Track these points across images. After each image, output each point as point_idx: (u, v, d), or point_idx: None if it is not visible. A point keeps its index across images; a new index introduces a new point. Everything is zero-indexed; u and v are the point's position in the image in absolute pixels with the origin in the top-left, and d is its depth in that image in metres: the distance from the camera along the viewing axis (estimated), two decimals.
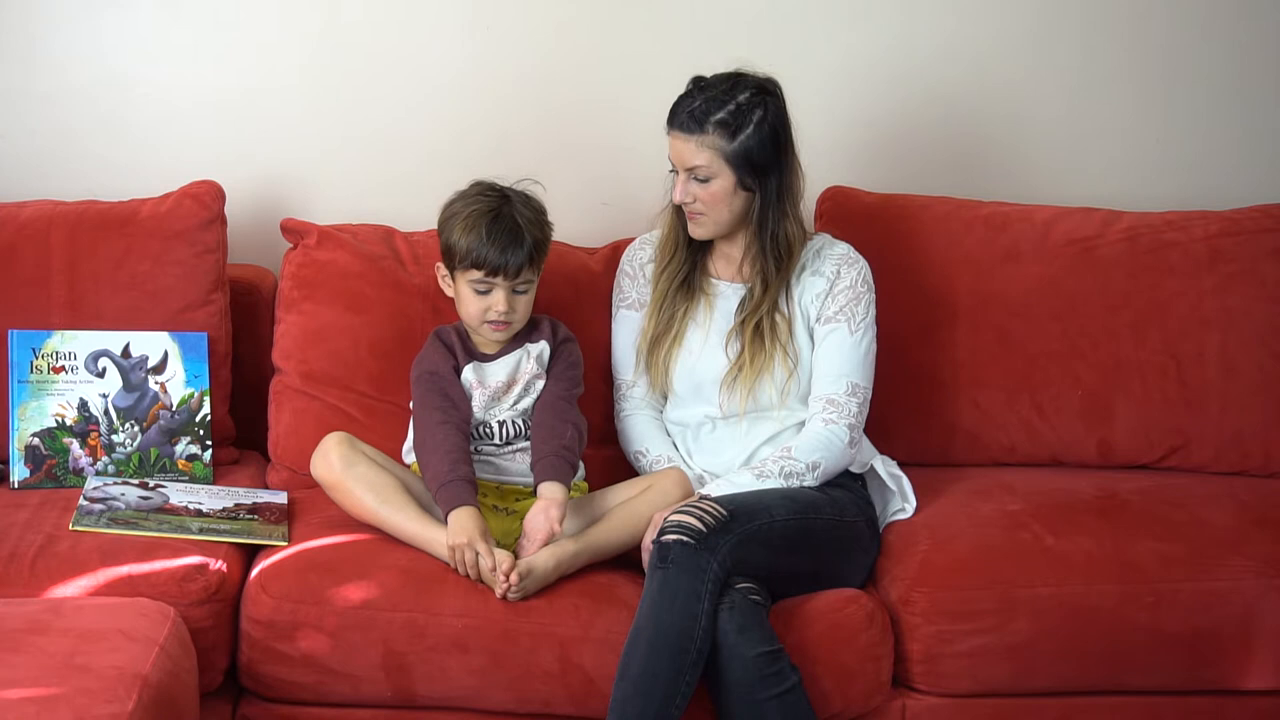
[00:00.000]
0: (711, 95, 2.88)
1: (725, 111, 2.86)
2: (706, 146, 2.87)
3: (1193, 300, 3.28)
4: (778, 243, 2.94)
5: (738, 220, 2.95)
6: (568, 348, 3.00)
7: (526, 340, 2.99)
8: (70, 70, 3.38)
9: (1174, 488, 3.12)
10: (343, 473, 2.80)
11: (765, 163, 2.89)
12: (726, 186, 2.90)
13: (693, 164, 2.88)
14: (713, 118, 2.86)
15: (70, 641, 2.34)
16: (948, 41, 3.53)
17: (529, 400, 2.96)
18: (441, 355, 2.94)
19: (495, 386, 2.94)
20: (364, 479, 2.80)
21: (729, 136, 2.86)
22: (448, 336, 2.98)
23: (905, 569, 2.85)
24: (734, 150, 2.87)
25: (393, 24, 3.43)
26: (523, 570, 2.66)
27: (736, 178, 2.89)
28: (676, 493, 2.87)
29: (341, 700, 2.70)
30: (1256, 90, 3.59)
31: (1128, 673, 2.83)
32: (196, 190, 3.19)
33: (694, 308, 3.03)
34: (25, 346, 3.04)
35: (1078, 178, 3.56)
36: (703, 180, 2.90)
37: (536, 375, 2.97)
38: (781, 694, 2.61)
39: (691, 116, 2.87)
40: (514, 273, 2.87)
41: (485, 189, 2.95)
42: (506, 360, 2.97)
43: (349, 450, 2.82)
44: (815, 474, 2.89)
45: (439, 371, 2.92)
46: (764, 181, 2.91)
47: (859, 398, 2.96)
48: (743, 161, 2.88)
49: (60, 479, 3.02)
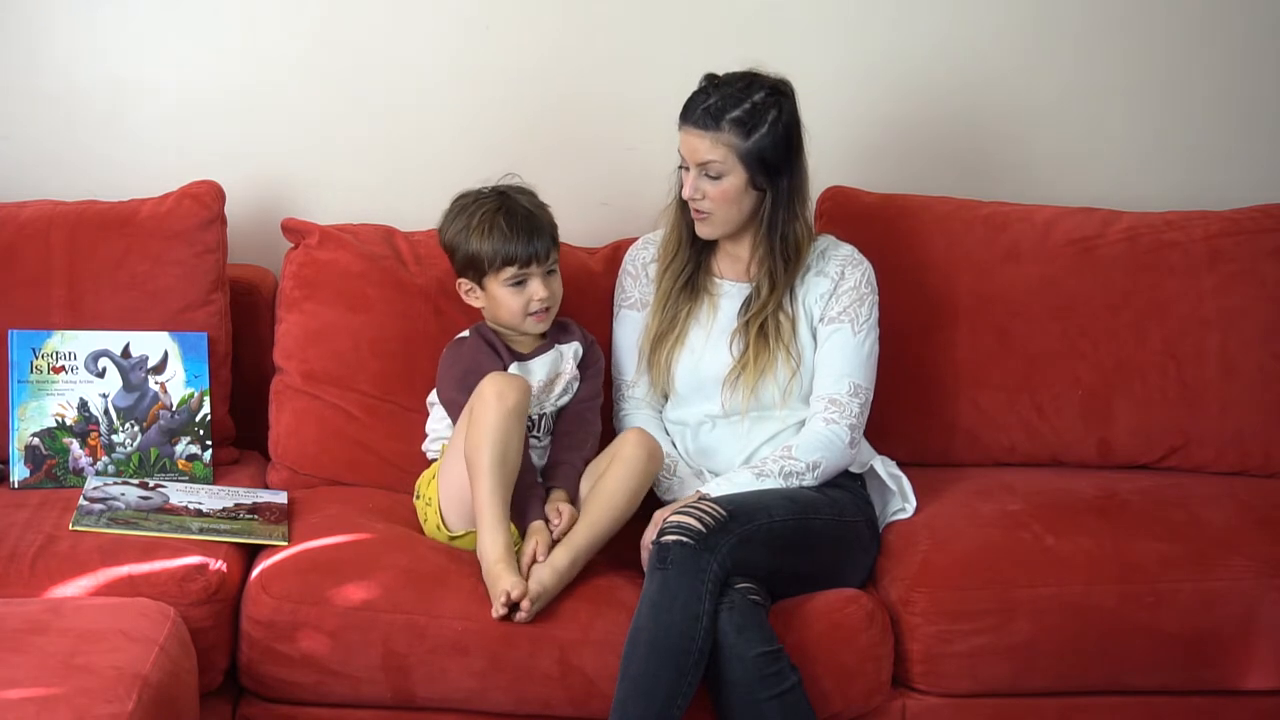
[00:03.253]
0: (727, 93, 2.88)
1: (741, 110, 2.87)
2: (721, 144, 2.87)
3: (1193, 300, 3.28)
4: (787, 243, 2.94)
5: (745, 220, 2.96)
6: (596, 351, 3.06)
7: (557, 341, 3.02)
8: (70, 70, 3.38)
9: (1174, 488, 3.12)
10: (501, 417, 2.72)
11: (778, 163, 2.90)
12: (738, 185, 2.90)
13: (706, 160, 2.89)
14: (728, 115, 2.87)
15: (70, 641, 2.34)
16: (948, 42, 3.53)
17: (567, 398, 3.00)
18: (487, 354, 2.94)
19: (537, 386, 2.95)
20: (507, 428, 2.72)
21: (744, 135, 2.87)
22: (488, 335, 2.99)
23: (905, 569, 2.85)
24: (748, 149, 2.87)
25: (392, 23, 3.43)
26: (534, 594, 2.63)
27: (749, 176, 2.89)
28: (640, 454, 2.83)
29: (341, 701, 2.70)
30: (1256, 90, 3.59)
31: (1128, 673, 2.83)
32: (196, 190, 3.19)
33: (697, 307, 3.04)
34: (25, 346, 3.04)
35: (1077, 178, 3.56)
36: (714, 177, 2.90)
37: (574, 376, 3.01)
38: (781, 694, 2.61)
39: (707, 113, 2.87)
40: (544, 256, 2.93)
41: (477, 195, 2.98)
42: (544, 359, 2.99)
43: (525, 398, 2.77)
44: (815, 474, 2.89)
45: (483, 369, 2.89)
46: (775, 182, 2.91)
47: (860, 398, 2.96)
48: (756, 160, 2.88)
49: (60, 479, 3.02)
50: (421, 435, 3.08)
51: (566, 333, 3.04)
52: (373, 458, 3.13)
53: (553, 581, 2.68)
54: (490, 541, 2.70)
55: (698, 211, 2.95)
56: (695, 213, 2.95)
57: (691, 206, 2.95)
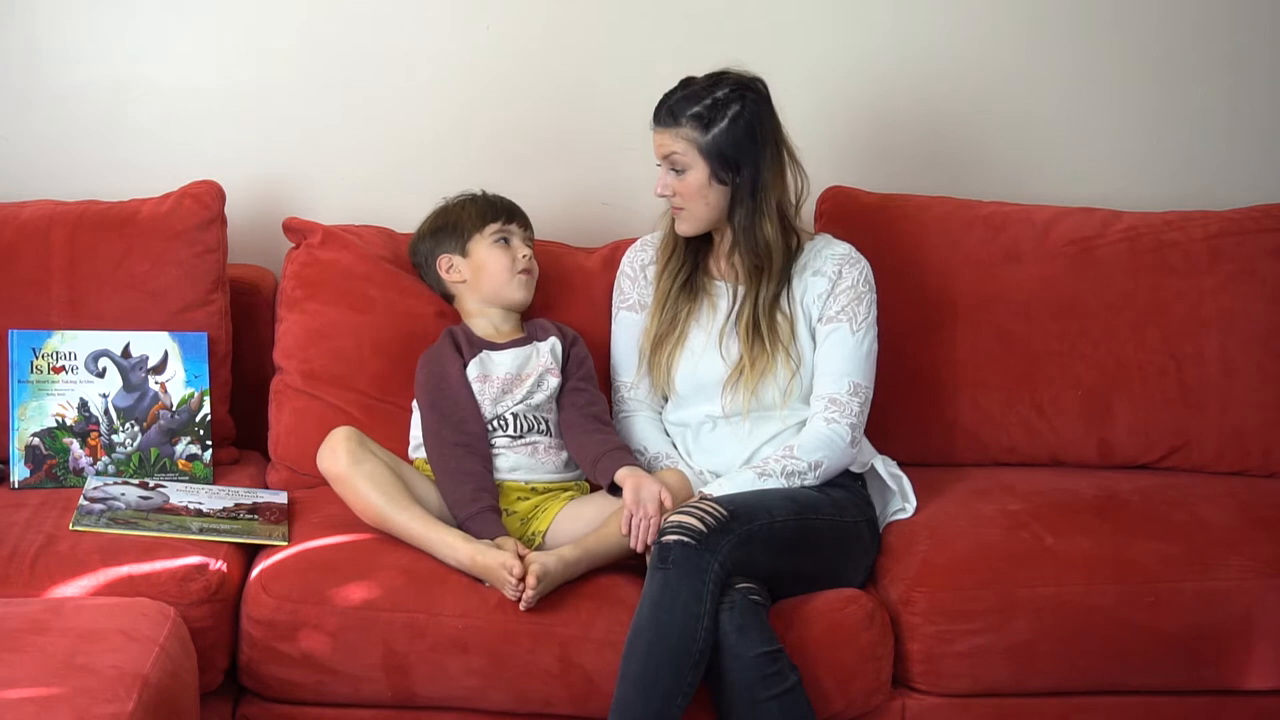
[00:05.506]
0: (691, 91, 2.94)
1: (701, 105, 2.92)
2: (681, 138, 2.92)
3: (1193, 300, 3.28)
4: (754, 239, 2.95)
5: (718, 215, 2.98)
6: (579, 349, 3.05)
7: (534, 339, 3.03)
8: (70, 70, 3.38)
9: (1174, 488, 3.12)
10: (350, 469, 2.78)
11: (738, 156, 2.92)
12: (701, 178, 2.93)
13: (668, 154, 2.94)
14: (688, 111, 2.92)
15: (70, 641, 2.34)
16: (948, 41, 3.53)
17: (541, 396, 2.98)
18: (449, 352, 2.98)
19: (502, 379, 2.96)
20: (371, 477, 2.78)
21: (703, 129, 2.91)
22: (455, 334, 3.02)
23: (905, 569, 2.85)
24: (707, 142, 2.91)
25: (393, 24, 3.43)
26: (538, 572, 2.64)
27: (710, 169, 2.93)
28: (681, 491, 2.87)
29: (341, 700, 2.70)
30: (1256, 90, 3.59)
31: (1128, 673, 2.83)
32: (196, 190, 3.19)
33: (696, 308, 3.04)
34: (25, 346, 3.04)
35: (1077, 178, 3.56)
36: (679, 171, 2.94)
37: (549, 369, 3.00)
38: (781, 694, 2.61)
39: (670, 110, 2.94)
40: (525, 223, 3.08)
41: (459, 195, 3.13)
42: (515, 353, 3.00)
43: (357, 447, 2.80)
44: (817, 473, 2.90)
45: (447, 375, 2.93)
46: (736, 175, 2.93)
47: (860, 397, 2.96)
48: (716, 154, 2.91)
49: (60, 479, 3.02)
50: None
51: (543, 330, 3.06)
52: None
53: (557, 568, 2.68)
54: (447, 547, 2.71)
55: (674, 208, 2.99)
56: (673, 209, 3.00)
57: (668, 202, 2.99)
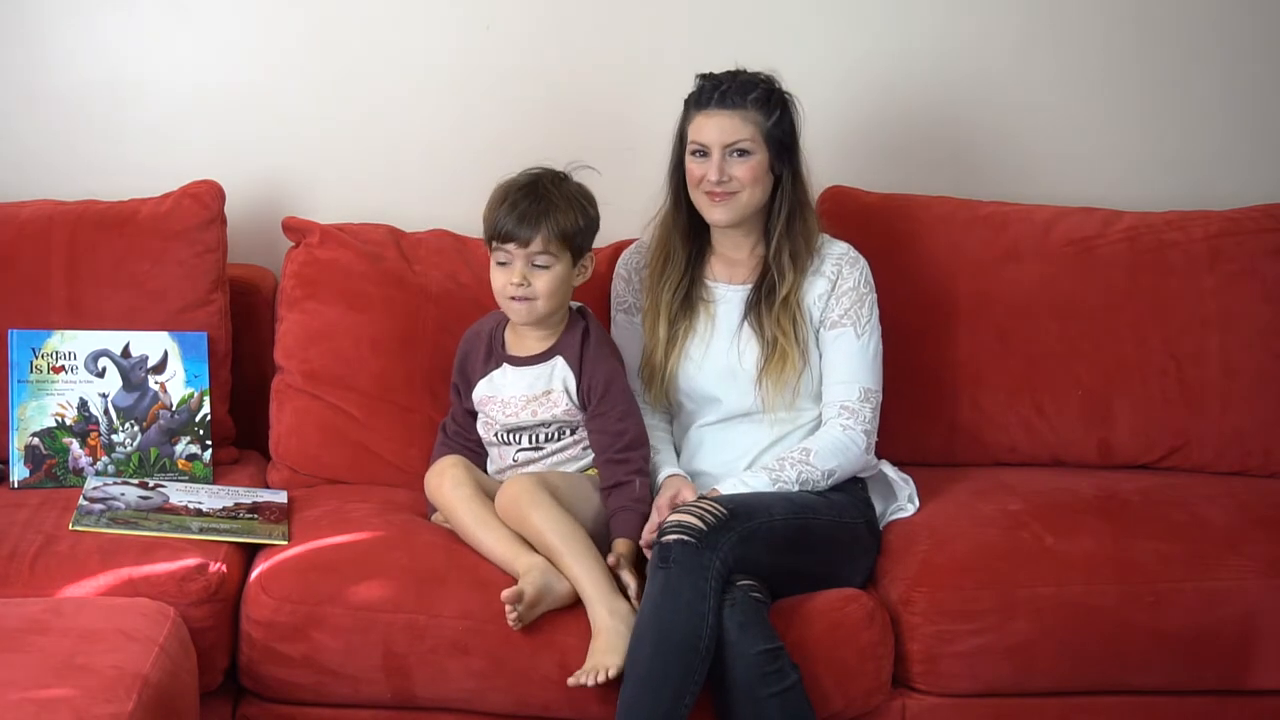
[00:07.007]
0: (739, 79, 2.93)
1: (759, 91, 2.92)
2: (750, 121, 2.91)
3: (1193, 300, 3.28)
4: (807, 226, 2.97)
5: (760, 206, 2.97)
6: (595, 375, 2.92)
7: (559, 353, 2.94)
8: (70, 70, 3.38)
9: (1174, 488, 3.12)
10: (451, 493, 2.85)
11: (790, 146, 2.95)
12: (763, 163, 2.93)
13: (736, 138, 2.91)
14: (750, 95, 2.91)
15: (70, 641, 2.34)
16: (948, 41, 3.53)
17: (550, 414, 2.93)
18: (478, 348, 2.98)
19: (511, 400, 2.93)
20: (465, 500, 2.84)
21: (766, 114, 2.92)
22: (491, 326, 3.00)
23: (905, 569, 2.85)
24: (770, 128, 2.92)
25: (393, 23, 3.43)
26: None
27: (769, 157, 2.93)
28: None
29: (341, 701, 2.70)
30: (1257, 90, 3.59)
31: (1128, 673, 2.83)
32: (196, 190, 3.19)
33: (694, 320, 3.02)
34: (25, 346, 3.04)
35: (1078, 178, 3.56)
36: (743, 154, 2.92)
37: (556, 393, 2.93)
38: (782, 692, 2.61)
39: (731, 92, 2.91)
40: (525, 242, 2.84)
41: (539, 168, 2.94)
42: (532, 370, 2.94)
43: (463, 473, 2.87)
44: (829, 480, 2.90)
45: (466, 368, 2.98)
46: (788, 166, 2.95)
47: (872, 402, 2.96)
48: (776, 142, 2.93)
49: (60, 479, 3.02)
50: (421, 435, 3.08)
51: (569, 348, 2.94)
52: (373, 457, 3.13)
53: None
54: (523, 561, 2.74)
55: (724, 194, 2.93)
56: (718, 196, 2.93)
57: (710, 192, 2.94)
